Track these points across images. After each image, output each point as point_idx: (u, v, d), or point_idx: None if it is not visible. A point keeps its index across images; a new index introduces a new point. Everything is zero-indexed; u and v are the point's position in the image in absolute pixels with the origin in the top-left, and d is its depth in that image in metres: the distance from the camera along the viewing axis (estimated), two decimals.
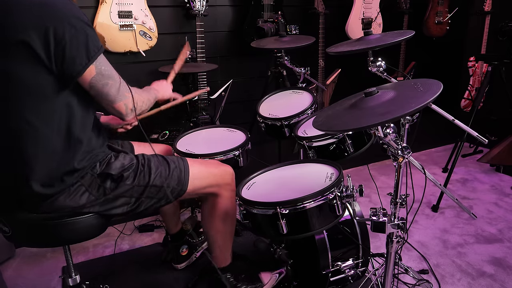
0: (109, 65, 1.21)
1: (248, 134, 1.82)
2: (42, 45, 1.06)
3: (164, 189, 1.36)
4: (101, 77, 1.17)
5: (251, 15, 2.70)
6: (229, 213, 1.56)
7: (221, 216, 1.55)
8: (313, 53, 3.00)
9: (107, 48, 2.34)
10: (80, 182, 1.23)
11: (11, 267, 2.08)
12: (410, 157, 1.33)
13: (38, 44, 1.05)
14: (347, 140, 1.56)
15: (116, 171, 1.28)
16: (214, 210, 1.55)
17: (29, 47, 1.05)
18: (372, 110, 1.09)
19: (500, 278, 1.88)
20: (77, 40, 1.09)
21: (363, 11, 3.14)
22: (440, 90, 1.03)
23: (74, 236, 1.29)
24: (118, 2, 2.30)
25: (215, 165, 1.55)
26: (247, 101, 2.92)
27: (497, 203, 2.63)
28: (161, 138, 2.27)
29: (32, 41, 1.05)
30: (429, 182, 2.47)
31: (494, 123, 3.40)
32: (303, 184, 1.41)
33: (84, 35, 1.11)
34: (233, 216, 1.60)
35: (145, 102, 1.39)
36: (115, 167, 1.28)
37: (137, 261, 2.08)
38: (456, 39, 3.71)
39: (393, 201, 1.27)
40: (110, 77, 1.19)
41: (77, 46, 1.09)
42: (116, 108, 1.24)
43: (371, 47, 1.47)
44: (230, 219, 1.58)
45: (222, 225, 1.57)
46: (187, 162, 1.46)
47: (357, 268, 1.60)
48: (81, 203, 1.24)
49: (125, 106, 1.25)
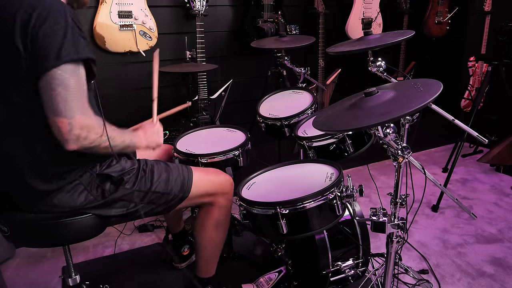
0: (78, 80, 1.07)
1: (248, 134, 1.82)
2: (20, 37, 1.03)
3: (166, 195, 1.36)
4: (56, 83, 1.03)
5: (251, 15, 2.70)
6: (223, 222, 1.54)
7: (214, 225, 1.53)
8: (313, 53, 3.00)
9: (107, 48, 2.34)
10: (79, 181, 1.23)
11: (11, 267, 2.08)
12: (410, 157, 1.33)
13: (17, 36, 1.03)
14: (347, 140, 1.56)
15: (116, 174, 1.27)
16: (209, 218, 1.52)
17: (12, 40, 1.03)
18: (372, 110, 1.09)
19: (500, 278, 1.88)
20: (51, 39, 1.02)
21: (363, 11, 3.14)
22: (440, 90, 1.03)
23: (72, 236, 1.29)
24: (118, 2, 2.30)
25: (216, 173, 1.53)
26: (247, 101, 2.92)
27: (497, 203, 2.63)
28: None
29: (15, 34, 1.02)
30: (429, 182, 2.47)
31: (494, 123, 3.40)
32: (303, 184, 1.41)
33: (61, 36, 1.03)
34: (226, 226, 1.58)
35: (113, 140, 1.16)
36: (116, 170, 1.28)
37: (137, 261, 2.08)
38: (456, 39, 3.71)
39: (393, 201, 1.27)
40: (67, 87, 1.04)
41: (49, 45, 1.02)
42: (57, 123, 1.04)
43: (371, 47, 1.47)
44: (222, 228, 1.56)
45: (214, 234, 1.55)
46: (191, 170, 1.45)
47: (357, 268, 1.60)
48: (79, 202, 1.23)
49: (70, 126, 1.05)
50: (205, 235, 1.55)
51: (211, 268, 1.63)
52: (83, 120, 1.07)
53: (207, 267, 1.62)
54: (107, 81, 2.48)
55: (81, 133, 1.06)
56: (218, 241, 1.59)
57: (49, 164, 1.17)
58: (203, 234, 1.55)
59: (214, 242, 1.57)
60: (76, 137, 1.06)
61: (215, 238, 1.57)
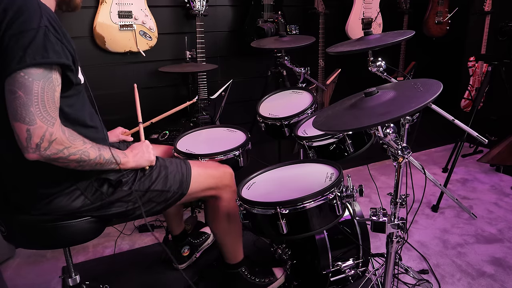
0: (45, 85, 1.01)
1: (248, 134, 1.82)
2: None
3: (165, 193, 1.36)
4: (17, 86, 0.98)
5: (251, 15, 2.70)
6: (233, 213, 1.56)
7: (225, 217, 1.55)
8: (313, 53, 3.00)
9: (107, 48, 2.34)
10: (76, 186, 1.21)
11: (11, 267, 2.08)
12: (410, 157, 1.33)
13: None
14: (347, 140, 1.56)
15: (114, 176, 1.26)
16: (217, 213, 1.55)
17: None
18: (372, 110, 1.09)
19: (500, 278, 1.88)
20: (17, 41, 0.99)
21: (363, 11, 3.14)
22: (440, 90, 1.02)
23: (70, 239, 1.28)
24: (118, 2, 2.30)
25: (214, 166, 1.54)
26: (247, 101, 2.92)
27: (497, 203, 2.63)
28: (161, 138, 2.27)
29: None
30: (429, 182, 2.47)
31: (494, 123, 3.40)
32: (303, 184, 1.41)
33: (29, 39, 0.98)
34: (237, 215, 1.59)
35: (86, 154, 1.11)
36: (114, 172, 1.26)
37: (137, 261, 2.08)
38: (456, 39, 3.71)
39: (393, 201, 1.27)
40: (29, 92, 0.98)
41: (15, 47, 0.98)
42: (15, 127, 0.99)
43: (371, 47, 1.47)
44: (234, 218, 1.57)
45: (228, 225, 1.58)
46: (190, 165, 1.45)
47: (357, 268, 1.60)
48: (76, 206, 1.22)
49: (28, 133, 0.98)
50: (219, 227, 1.58)
51: (238, 254, 1.67)
52: (45, 129, 1.00)
53: (233, 254, 1.66)
54: (107, 81, 2.48)
55: (42, 143, 1.00)
56: (234, 231, 1.61)
57: (41, 169, 1.12)
58: (218, 226, 1.58)
59: (231, 233, 1.60)
60: (35, 146, 1.00)
61: (231, 229, 1.59)
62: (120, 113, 2.41)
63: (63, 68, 1.07)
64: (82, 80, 1.20)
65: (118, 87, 2.51)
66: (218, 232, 1.60)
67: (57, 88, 1.05)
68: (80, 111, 1.20)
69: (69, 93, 1.14)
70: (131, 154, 1.30)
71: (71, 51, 1.09)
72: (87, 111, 1.25)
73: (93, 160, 1.13)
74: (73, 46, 1.11)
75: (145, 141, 1.39)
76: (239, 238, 1.65)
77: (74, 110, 1.16)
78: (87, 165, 1.13)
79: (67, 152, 1.06)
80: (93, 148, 1.14)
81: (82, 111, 1.21)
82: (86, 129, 1.21)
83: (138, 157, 1.31)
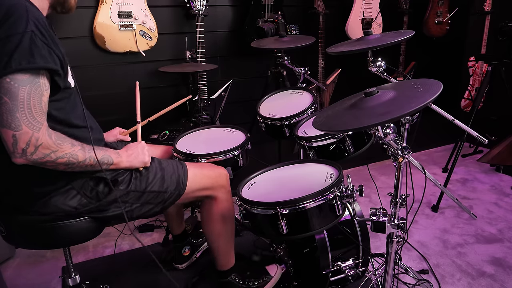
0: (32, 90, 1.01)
1: (248, 134, 1.82)
2: None
3: (162, 194, 1.36)
4: (3, 92, 0.98)
5: (251, 15, 2.70)
6: (227, 215, 1.56)
7: (219, 218, 1.55)
8: (313, 53, 3.00)
9: (107, 48, 2.34)
10: (71, 185, 1.21)
11: (11, 267, 2.08)
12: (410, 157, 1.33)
13: None
14: (347, 140, 1.56)
15: (109, 175, 1.26)
16: (212, 213, 1.54)
17: None
18: (372, 110, 1.09)
19: (500, 278, 1.88)
20: (3, 46, 0.97)
21: (363, 11, 3.14)
22: (440, 90, 1.03)
23: (68, 239, 1.28)
24: (118, 2, 2.30)
25: (209, 167, 1.54)
26: (247, 101, 2.92)
27: (497, 203, 2.63)
28: (161, 138, 2.27)
29: None
30: (429, 182, 2.47)
31: (494, 123, 3.40)
32: (303, 184, 1.41)
33: (15, 44, 0.97)
34: (232, 217, 1.60)
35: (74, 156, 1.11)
36: (109, 171, 1.26)
37: (137, 261, 2.08)
38: (456, 39, 3.71)
39: (393, 201, 1.27)
40: (14, 98, 0.98)
41: (0, 51, 0.98)
42: (2, 133, 1.00)
43: (371, 47, 1.47)
44: (229, 220, 1.57)
45: (222, 227, 1.57)
46: (186, 166, 1.45)
47: (357, 268, 1.60)
48: (73, 205, 1.22)
49: (14, 139, 1.00)
50: (213, 229, 1.57)
51: (229, 260, 1.65)
52: (31, 135, 1.01)
53: (225, 259, 1.64)
54: (107, 81, 2.48)
55: (28, 148, 1.01)
56: (228, 233, 1.60)
57: (34, 169, 1.10)
58: (212, 227, 1.57)
59: (224, 235, 1.59)
60: (22, 151, 1.01)
61: (224, 231, 1.58)
62: (120, 113, 2.41)
63: (50, 72, 1.06)
64: (72, 83, 1.18)
65: (118, 87, 2.51)
66: (212, 234, 1.58)
67: (45, 92, 1.05)
68: (71, 113, 1.19)
69: (58, 97, 1.13)
70: (125, 154, 1.30)
71: (59, 55, 1.08)
72: (78, 112, 1.23)
73: (82, 162, 1.14)
74: (61, 50, 1.10)
75: (141, 142, 1.38)
76: (232, 242, 1.63)
77: (63, 113, 1.16)
78: (76, 167, 1.14)
79: (54, 156, 1.07)
80: (82, 150, 1.14)
81: (73, 113, 1.20)
82: (79, 130, 1.21)
83: (132, 158, 1.30)
